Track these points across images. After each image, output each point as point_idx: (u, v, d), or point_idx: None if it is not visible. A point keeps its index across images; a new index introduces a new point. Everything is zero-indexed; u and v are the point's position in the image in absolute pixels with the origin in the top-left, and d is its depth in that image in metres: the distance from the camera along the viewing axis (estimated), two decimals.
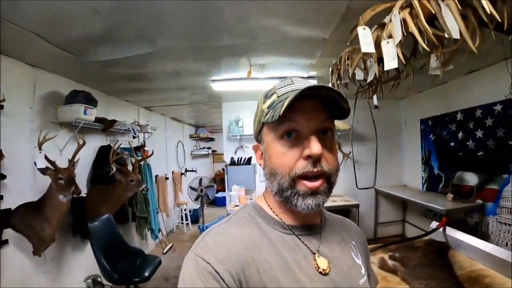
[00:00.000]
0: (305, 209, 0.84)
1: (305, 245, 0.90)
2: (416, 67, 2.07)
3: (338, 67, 2.63)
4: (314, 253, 0.89)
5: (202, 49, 3.08)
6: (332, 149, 0.88)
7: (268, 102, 0.89)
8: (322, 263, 0.88)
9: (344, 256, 0.97)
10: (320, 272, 0.86)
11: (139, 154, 4.47)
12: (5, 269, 2.73)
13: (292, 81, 0.90)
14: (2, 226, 2.71)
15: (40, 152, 2.79)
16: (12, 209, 2.77)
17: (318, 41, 2.95)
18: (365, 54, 2.00)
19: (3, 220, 2.69)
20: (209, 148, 9.86)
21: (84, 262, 3.71)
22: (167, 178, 6.27)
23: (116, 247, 3.38)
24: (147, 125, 5.08)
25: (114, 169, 3.65)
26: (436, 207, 4.15)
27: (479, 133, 4.09)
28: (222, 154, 6.19)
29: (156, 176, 5.79)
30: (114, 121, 4.09)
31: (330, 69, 2.86)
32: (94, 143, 4.10)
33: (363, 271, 0.99)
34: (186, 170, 7.47)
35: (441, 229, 2.66)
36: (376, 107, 4.68)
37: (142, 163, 4.85)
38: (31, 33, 2.40)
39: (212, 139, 10.31)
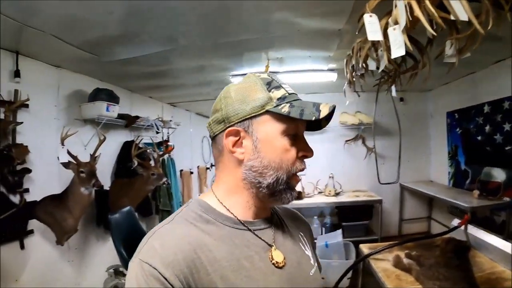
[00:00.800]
0: (290, 200, 0.91)
1: (260, 238, 0.90)
2: (433, 56, 1.98)
3: (352, 59, 2.55)
4: (271, 245, 0.91)
5: (221, 45, 3.11)
6: None
7: (277, 93, 0.89)
8: (278, 256, 0.89)
9: (295, 248, 0.99)
10: (274, 264, 0.87)
11: (161, 149, 4.58)
12: (31, 256, 2.89)
13: (284, 83, 0.94)
14: (28, 217, 2.86)
15: (62, 147, 2.94)
16: (37, 201, 2.92)
17: (333, 32, 2.90)
18: (374, 43, 1.98)
19: (29, 212, 2.84)
20: None
21: (107, 252, 3.85)
22: (191, 173, 6.36)
23: (137, 238, 3.36)
24: (171, 120, 5.18)
25: (136, 163, 3.77)
26: (461, 204, 3.94)
27: (507, 126, 3.88)
28: None
29: (181, 170, 5.90)
30: (136, 117, 4.23)
31: (345, 61, 2.81)
32: (118, 138, 4.26)
33: (312, 261, 1.02)
34: (212, 165, 7.44)
35: (462, 227, 2.51)
36: (401, 99, 4.64)
37: (165, 158, 4.98)
38: (51, 36, 2.50)
39: None
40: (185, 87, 4.78)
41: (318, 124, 0.96)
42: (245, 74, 0.99)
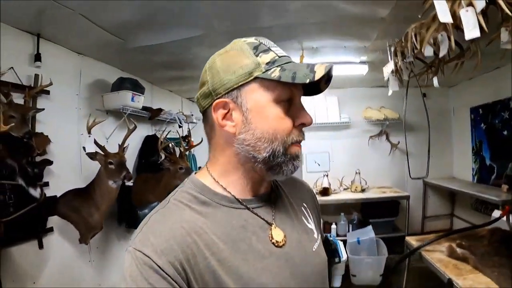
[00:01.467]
0: (292, 171, 0.84)
1: (260, 217, 0.85)
2: (482, 44, 1.85)
3: (403, 45, 2.38)
4: (271, 224, 0.85)
5: (247, 32, 2.76)
6: None
7: (266, 57, 0.79)
8: (278, 234, 0.84)
9: (296, 224, 0.92)
10: (274, 243, 0.82)
11: (185, 144, 4.26)
12: (50, 256, 2.60)
13: (274, 44, 0.85)
14: (47, 213, 2.55)
15: (89, 137, 2.63)
16: (58, 196, 2.60)
17: (376, 20, 2.67)
18: (438, 27, 1.85)
19: (49, 207, 2.52)
20: None
21: None
22: None
23: None
24: (192, 115, 4.89)
25: (163, 157, 3.46)
26: (492, 197, 3.80)
27: None
28: None
29: (200, 167, 5.51)
30: (160, 110, 3.92)
31: (393, 48, 2.62)
32: (140, 132, 3.93)
33: (315, 235, 0.95)
34: None
35: (504, 218, 2.52)
36: (424, 95, 4.39)
37: (187, 153, 4.62)
38: (79, 16, 2.23)
39: None
40: None
41: (317, 88, 0.86)
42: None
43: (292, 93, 0.81)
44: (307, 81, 0.74)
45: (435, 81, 2.60)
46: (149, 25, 2.55)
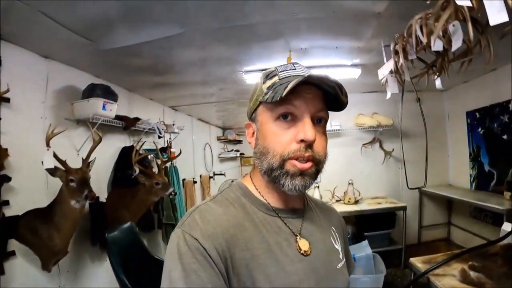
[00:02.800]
0: (292, 189, 0.86)
1: (288, 227, 0.91)
2: (492, 38, 1.69)
3: (404, 40, 2.17)
4: (296, 235, 0.90)
5: (231, 31, 2.60)
6: (323, 137, 0.91)
7: (269, 82, 0.89)
8: (304, 245, 0.89)
9: (324, 240, 0.99)
10: (302, 254, 0.88)
11: (165, 156, 3.97)
12: (13, 283, 2.28)
13: (294, 66, 0.92)
14: (7, 236, 2.24)
15: (48, 149, 2.29)
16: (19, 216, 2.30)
17: (371, 16, 2.48)
18: (450, 16, 1.64)
19: (9, 229, 2.23)
20: (237, 150, 9.33)
21: (104, 274, 3.22)
22: (195, 182, 5.77)
23: (139, 259, 2.84)
24: (173, 124, 4.59)
25: (137, 170, 3.15)
26: (494, 206, 3.60)
27: None
28: (250, 157, 5.66)
29: (183, 180, 5.30)
30: (137, 119, 3.62)
31: (392, 46, 2.40)
32: (116, 143, 3.63)
33: (341, 256, 1.01)
34: (214, 174, 6.99)
35: None
36: (418, 100, 4.24)
37: (168, 166, 4.39)
38: (39, 13, 1.97)
39: (240, 142, 9.67)
40: (188, 86, 4.20)
41: (341, 100, 0.89)
42: (261, 70, 1.02)
43: (288, 110, 0.85)
44: (277, 99, 0.80)
45: (438, 82, 2.43)
46: (122, 24, 2.30)
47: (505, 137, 4.10)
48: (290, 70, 0.90)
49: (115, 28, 2.35)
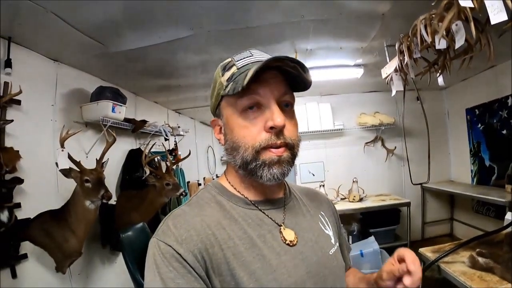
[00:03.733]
0: (270, 178, 0.83)
1: (270, 218, 0.89)
2: (492, 36, 1.76)
3: (409, 40, 2.25)
4: (280, 225, 0.88)
5: (236, 34, 2.60)
6: (293, 121, 0.88)
7: (227, 74, 0.85)
8: (289, 234, 0.87)
9: (312, 227, 0.96)
10: (288, 244, 0.85)
11: (172, 158, 3.96)
12: (25, 286, 2.24)
13: (251, 53, 0.88)
14: (20, 239, 2.21)
15: (62, 151, 2.27)
16: (31, 218, 2.26)
17: (375, 17, 2.53)
18: (454, 16, 1.70)
19: (21, 232, 2.19)
20: None
21: (115, 276, 3.21)
22: (199, 185, 5.75)
23: None
24: (179, 127, 4.57)
25: (147, 172, 3.12)
26: (497, 199, 3.61)
27: None
28: None
29: (188, 182, 5.28)
30: (144, 122, 3.60)
31: (397, 45, 2.47)
32: (123, 146, 3.61)
33: (332, 241, 0.98)
34: (217, 176, 6.88)
35: None
36: (418, 98, 4.28)
37: (174, 167, 4.32)
38: (51, 14, 1.96)
39: None
40: (191, 89, 4.21)
41: (302, 81, 0.86)
42: None
43: (253, 100, 0.82)
44: (239, 89, 0.77)
45: (440, 79, 2.45)
46: (131, 26, 2.31)
47: (504, 132, 4.13)
48: (247, 57, 0.87)
49: (124, 30, 2.36)
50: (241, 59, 0.86)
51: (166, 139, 4.18)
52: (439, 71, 2.37)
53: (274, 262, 0.80)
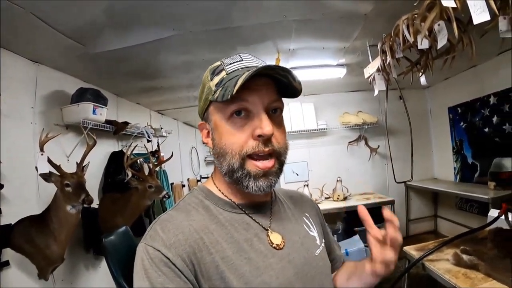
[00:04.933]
0: (257, 190, 0.84)
1: (257, 222, 0.90)
2: (474, 36, 1.82)
3: (392, 40, 2.28)
4: (267, 229, 0.89)
5: (218, 34, 2.61)
6: (281, 128, 0.89)
7: (216, 79, 0.85)
8: (276, 238, 0.88)
9: (297, 230, 0.98)
10: (275, 248, 0.86)
11: (155, 160, 3.93)
12: None
13: (241, 57, 0.88)
14: (2, 245, 2.16)
15: (42, 155, 2.23)
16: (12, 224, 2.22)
17: (358, 17, 2.55)
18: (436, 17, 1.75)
19: (2, 238, 2.15)
20: None
21: (99, 282, 3.17)
22: (183, 186, 5.72)
23: None
24: (161, 128, 4.55)
25: (130, 175, 3.09)
26: (480, 196, 3.70)
27: None
28: None
29: (171, 184, 5.24)
30: (126, 123, 3.56)
31: (379, 45, 2.52)
32: (105, 148, 3.58)
33: (318, 241, 1.00)
34: (201, 177, 6.93)
35: (503, 217, 2.31)
36: (400, 97, 4.39)
37: (157, 169, 4.30)
38: (30, 15, 1.93)
39: None
40: (174, 90, 4.20)
41: (293, 87, 0.87)
42: None
43: (241, 106, 0.82)
44: (228, 97, 0.77)
45: (423, 79, 2.54)
46: (112, 27, 2.29)
47: (486, 130, 4.22)
48: (237, 62, 0.86)
49: (105, 31, 2.34)
50: (230, 64, 0.86)
51: (148, 141, 4.13)
52: (421, 70, 2.43)
53: (262, 264, 0.81)
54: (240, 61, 0.86)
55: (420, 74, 2.47)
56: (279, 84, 0.85)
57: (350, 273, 1.06)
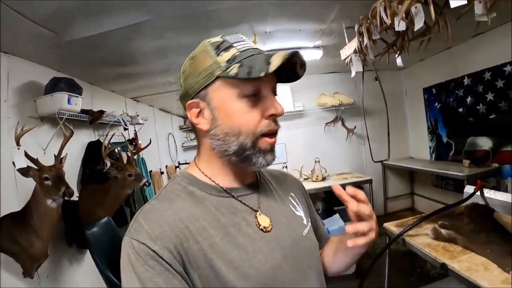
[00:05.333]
0: (264, 165, 0.86)
1: (245, 205, 0.89)
2: (450, 18, 1.90)
3: (369, 21, 2.33)
4: (256, 211, 0.89)
5: (193, 18, 2.57)
6: None
7: (227, 55, 0.82)
8: (264, 220, 0.88)
9: (283, 210, 0.98)
10: (262, 230, 0.86)
11: (133, 147, 3.88)
12: None
13: (242, 37, 0.87)
14: None
15: (18, 149, 2.16)
16: None
17: None
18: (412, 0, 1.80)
19: None
20: None
21: (84, 275, 3.13)
22: (162, 173, 5.66)
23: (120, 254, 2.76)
24: (138, 115, 4.47)
25: (108, 164, 3.05)
26: (456, 173, 3.88)
27: (489, 96, 3.85)
28: None
29: (150, 171, 5.19)
30: (102, 112, 3.47)
31: (356, 27, 2.56)
32: (82, 138, 3.48)
33: (305, 221, 1.01)
34: (179, 163, 6.85)
35: (478, 193, 2.50)
36: (376, 79, 4.48)
37: (136, 157, 4.25)
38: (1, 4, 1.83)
39: None
40: (149, 76, 4.11)
41: (295, 73, 0.90)
42: None
43: (257, 86, 0.83)
44: (262, 74, 0.75)
45: (399, 60, 2.59)
46: (85, 13, 2.20)
47: (460, 110, 4.36)
48: (242, 41, 0.86)
49: (78, 18, 2.26)
50: (238, 42, 0.85)
51: (125, 129, 4.07)
52: (398, 52, 2.47)
53: (250, 249, 0.81)
54: (243, 40, 0.87)
55: (396, 55, 2.52)
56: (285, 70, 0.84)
57: (336, 248, 1.08)
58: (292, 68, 0.86)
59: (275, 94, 0.88)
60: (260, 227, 0.86)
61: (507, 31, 3.35)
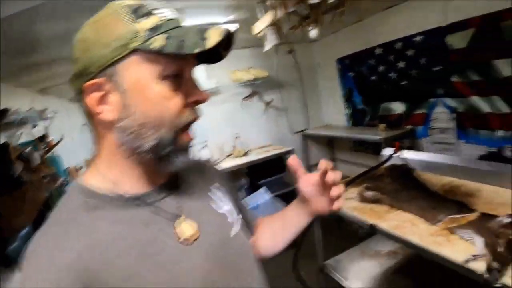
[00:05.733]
0: (180, 167, 0.74)
1: (161, 212, 0.75)
2: None
3: None
4: (179, 216, 0.76)
5: None
6: None
7: (147, 22, 0.64)
8: (189, 227, 0.75)
9: (207, 210, 0.86)
10: (186, 239, 0.74)
11: (44, 146, 3.63)
12: None
13: (165, 3, 0.70)
14: None
15: None
16: None
17: None
18: None
19: None
20: None
21: None
22: (81, 168, 5.34)
23: None
24: (46, 109, 4.17)
25: (20, 168, 2.84)
26: (373, 137, 4.13)
27: (400, 64, 4.10)
28: None
29: (67, 168, 4.86)
30: (5, 111, 3.17)
31: (269, 2, 2.50)
32: None
33: (229, 219, 0.89)
34: None
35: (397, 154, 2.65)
36: (290, 51, 4.59)
37: (50, 156, 3.99)
38: None
39: None
40: (55, 64, 3.81)
41: (218, 53, 0.75)
42: None
43: (181, 66, 0.69)
44: (197, 51, 0.62)
45: (313, 32, 2.62)
46: None
47: (373, 78, 4.64)
48: (163, 8, 0.69)
49: None
50: (158, 9, 0.68)
51: (34, 126, 3.80)
52: (312, 25, 2.53)
53: (175, 269, 0.70)
54: (163, 7, 0.70)
55: (310, 28, 2.58)
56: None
57: (276, 228, 1.06)
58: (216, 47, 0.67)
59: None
60: (180, 240, 0.74)
61: (418, 4, 3.54)
